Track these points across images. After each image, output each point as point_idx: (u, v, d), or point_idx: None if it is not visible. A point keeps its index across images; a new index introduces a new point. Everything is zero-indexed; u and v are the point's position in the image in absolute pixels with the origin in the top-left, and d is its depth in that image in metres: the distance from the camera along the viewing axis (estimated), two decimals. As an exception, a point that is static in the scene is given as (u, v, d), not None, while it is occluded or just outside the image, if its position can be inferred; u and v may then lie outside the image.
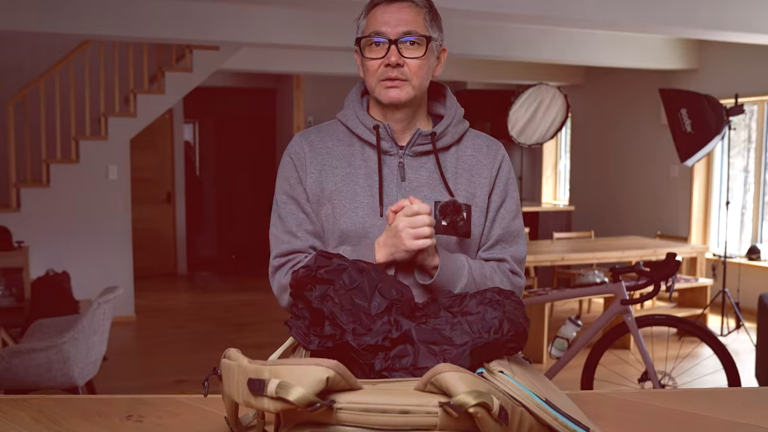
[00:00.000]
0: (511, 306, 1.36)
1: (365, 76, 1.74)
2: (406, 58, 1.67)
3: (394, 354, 1.30)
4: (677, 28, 5.58)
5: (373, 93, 1.73)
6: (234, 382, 1.19)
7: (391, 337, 1.30)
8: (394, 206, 1.60)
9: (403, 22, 1.67)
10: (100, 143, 7.21)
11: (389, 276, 1.48)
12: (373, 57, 1.69)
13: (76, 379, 3.86)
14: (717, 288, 7.32)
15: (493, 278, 1.70)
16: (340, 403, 1.10)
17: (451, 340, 1.29)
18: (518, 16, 5.08)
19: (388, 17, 1.67)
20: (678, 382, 4.53)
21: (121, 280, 7.08)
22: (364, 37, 1.70)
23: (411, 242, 1.57)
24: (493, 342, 1.29)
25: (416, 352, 1.29)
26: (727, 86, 7.66)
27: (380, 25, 1.67)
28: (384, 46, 1.67)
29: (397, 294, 1.42)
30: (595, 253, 6.41)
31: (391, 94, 1.69)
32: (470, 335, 1.29)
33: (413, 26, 1.67)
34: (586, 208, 9.68)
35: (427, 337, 1.30)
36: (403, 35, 1.66)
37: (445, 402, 1.07)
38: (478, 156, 1.78)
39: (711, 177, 8.29)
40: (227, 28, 6.09)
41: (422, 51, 1.68)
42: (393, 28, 1.66)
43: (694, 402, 1.62)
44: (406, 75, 1.68)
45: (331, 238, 1.73)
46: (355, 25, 1.76)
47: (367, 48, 1.70)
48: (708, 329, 4.15)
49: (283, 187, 1.78)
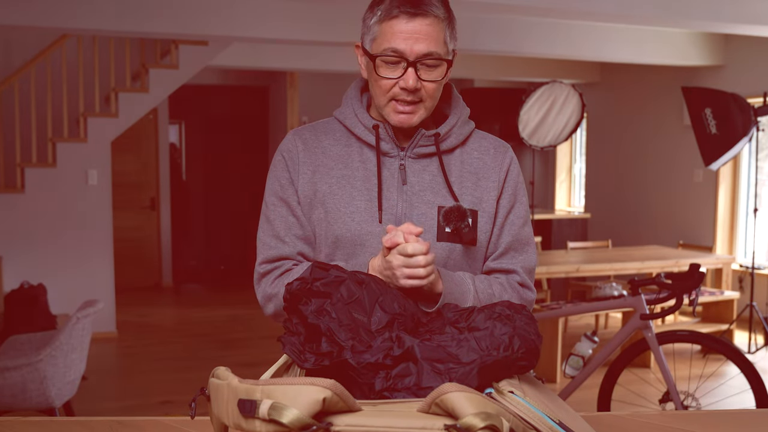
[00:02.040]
0: (522, 321, 1.36)
1: (373, 88, 1.72)
2: (424, 81, 1.66)
3: (396, 373, 1.30)
4: (701, 22, 5.59)
5: (380, 109, 1.72)
6: (223, 403, 1.19)
7: (392, 355, 1.30)
8: (387, 240, 1.56)
9: (423, 40, 1.63)
10: (79, 146, 7.21)
11: (391, 288, 1.48)
12: (387, 76, 1.66)
13: (54, 400, 3.85)
14: (744, 301, 7.31)
15: (502, 298, 1.71)
16: (337, 426, 1.10)
17: (458, 357, 1.29)
18: (530, 8, 5.09)
19: (408, 34, 1.63)
20: (702, 404, 4.53)
21: (102, 293, 7.07)
22: (378, 55, 1.66)
23: (405, 281, 1.55)
24: (502, 360, 1.28)
25: (420, 370, 1.29)
26: (755, 84, 7.66)
27: (399, 42, 1.63)
28: (400, 66, 1.65)
29: (399, 308, 1.42)
30: (612, 264, 6.40)
31: (401, 118, 1.69)
32: (478, 352, 1.29)
33: (434, 46, 1.64)
34: (603, 216, 9.68)
35: (432, 354, 1.30)
36: (423, 57, 1.64)
37: (451, 425, 1.07)
38: (485, 159, 1.78)
39: (738, 182, 8.29)
40: (216, 21, 6.10)
41: (442, 74, 1.68)
42: (412, 46, 1.63)
43: (720, 425, 1.62)
44: (422, 97, 1.68)
45: (324, 244, 1.73)
46: (362, 22, 1.73)
47: (381, 65, 1.67)
48: (734, 346, 4.15)
49: (273, 187, 1.77)
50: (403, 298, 1.47)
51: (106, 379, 5.98)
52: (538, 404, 1.23)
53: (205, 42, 7.45)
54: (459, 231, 1.68)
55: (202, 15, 6.04)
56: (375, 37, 1.68)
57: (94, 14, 5.74)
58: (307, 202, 1.74)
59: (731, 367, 5.79)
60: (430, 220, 1.70)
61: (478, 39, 6.97)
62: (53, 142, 7.16)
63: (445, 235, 1.69)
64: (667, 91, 8.77)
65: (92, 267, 7.28)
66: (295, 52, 8.06)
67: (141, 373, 6.20)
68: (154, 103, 7.68)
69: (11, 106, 7.26)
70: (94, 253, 7.29)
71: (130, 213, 9.84)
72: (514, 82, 10.28)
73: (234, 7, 6.09)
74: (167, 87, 7.65)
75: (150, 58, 7.84)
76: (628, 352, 4.12)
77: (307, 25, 6.36)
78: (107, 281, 7.37)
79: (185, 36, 6.34)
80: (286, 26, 6.31)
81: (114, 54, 7.48)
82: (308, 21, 6.36)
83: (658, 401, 4.20)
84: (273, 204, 1.77)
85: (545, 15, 5.49)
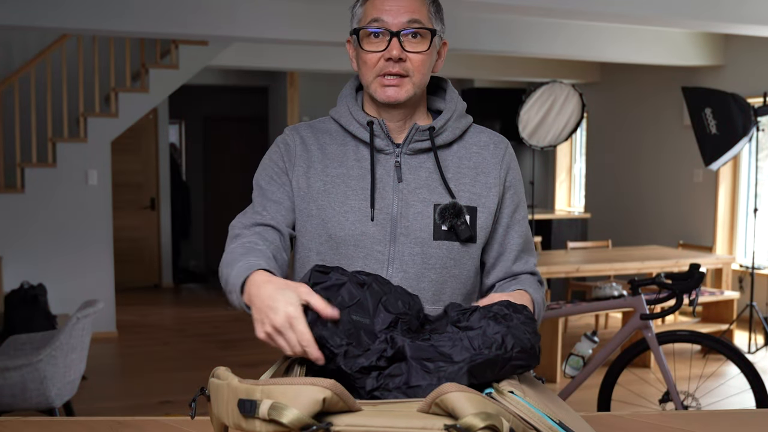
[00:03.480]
0: (519, 321, 1.35)
1: (360, 70, 1.71)
2: (409, 53, 1.65)
3: (388, 373, 1.30)
4: (701, 21, 5.59)
5: (368, 89, 1.71)
6: (223, 403, 1.19)
7: (385, 356, 1.30)
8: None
9: (406, 11, 1.63)
10: (79, 146, 7.21)
11: (396, 287, 1.47)
12: (372, 50, 1.66)
13: (54, 400, 3.85)
14: (744, 302, 7.31)
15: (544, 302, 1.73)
16: (337, 426, 1.10)
17: (451, 357, 1.28)
18: (530, 8, 5.09)
19: (390, 5, 1.64)
20: (702, 404, 4.52)
21: (102, 293, 7.07)
22: (362, 27, 1.66)
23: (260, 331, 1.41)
24: (493, 359, 1.28)
25: (409, 370, 1.29)
26: (755, 84, 7.66)
27: (381, 13, 1.64)
28: (384, 39, 1.64)
29: (404, 307, 1.41)
30: (612, 264, 6.40)
31: (389, 93, 1.67)
32: (470, 352, 1.29)
33: (417, 15, 1.64)
34: (603, 216, 9.68)
35: (422, 354, 1.29)
36: (406, 26, 1.63)
37: (451, 425, 1.07)
38: (484, 154, 1.77)
39: (738, 182, 8.29)
40: (216, 21, 6.10)
41: (426, 45, 1.66)
42: (395, 17, 1.63)
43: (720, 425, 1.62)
44: (408, 70, 1.66)
45: (316, 242, 1.71)
46: (350, 14, 1.73)
47: (365, 39, 1.67)
48: (734, 346, 4.15)
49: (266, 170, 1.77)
50: (409, 296, 1.47)
51: (106, 379, 5.98)
52: (538, 404, 1.23)
53: (205, 42, 7.45)
54: (455, 228, 1.67)
55: (202, 15, 6.03)
56: (360, 18, 1.69)
57: (94, 14, 5.74)
58: (301, 195, 1.72)
59: (731, 367, 5.79)
60: (426, 219, 1.68)
61: (478, 39, 6.97)
62: (53, 142, 7.16)
63: (442, 233, 1.68)
64: (666, 91, 8.77)
65: (92, 267, 7.27)
66: (295, 52, 8.07)
67: (141, 373, 6.20)
68: (154, 103, 7.68)
69: (11, 106, 7.25)
70: (94, 254, 7.29)
71: (130, 213, 9.84)
72: (514, 82, 10.28)
73: (234, 7, 6.09)
74: (167, 87, 7.65)
75: (150, 58, 7.84)
76: (628, 352, 4.11)
77: (307, 25, 6.36)
78: (107, 281, 7.37)
79: (185, 36, 6.34)
80: (286, 26, 6.31)
81: (114, 54, 7.48)
82: (308, 21, 6.35)
83: (658, 401, 4.19)
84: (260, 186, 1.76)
85: (545, 15, 5.49)
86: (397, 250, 1.68)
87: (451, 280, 1.71)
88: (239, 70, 9.95)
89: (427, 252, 1.68)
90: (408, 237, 1.68)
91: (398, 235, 1.68)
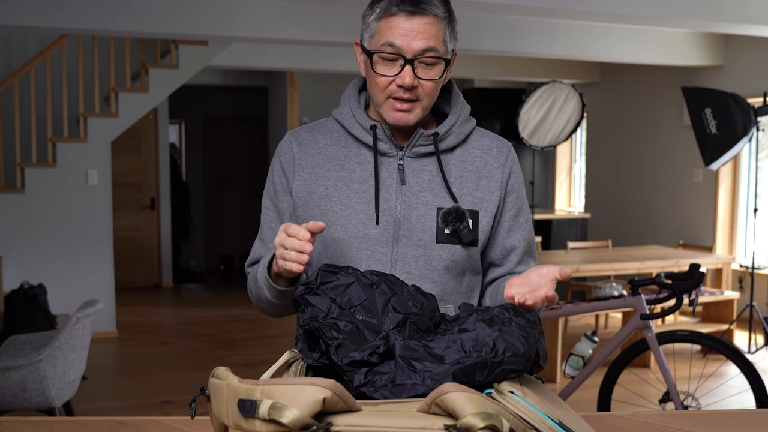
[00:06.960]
0: (517, 325, 1.35)
1: (370, 86, 1.71)
2: (421, 80, 1.64)
3: (377, 370, 1.30)
4: (701, 22, 5.59)
5: (377, 107, 1.71)
6: (223, 403, 1.19)
7: (378, 353, 1.31)
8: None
9: (422, 38, 1.61)
10: (79, 146, 7.21)
11: (409, 287, 1.48)
12: (384, 74, 1.65)
13: (53, 400, 3.85)
14: (744, 302, 7.31)
15: None
16: (338, 426, 1.10)
17: (443, 358, 1.28)
18: (531, 8, 5.09)
19: (406, 31, 1.61)
20: (702, 404, 4.53)
21: (102, 293, 7.08)
22: (374, 51, 1.64)
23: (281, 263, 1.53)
24: (482, 362, 1.27)
25: (396, 368, 1.29)
26: (754, 84, 7.67)
27: (396, 38, 1.61)
28: (397, 63, 1.63)
29: (415, 307, 1.42)
30: (612, 264, 6.40)
31: (398, 116, 1.67)
32: (460, 354, 1.29)
33: (432, 43, 1.62)
34: (603, 216, 9.68)
35: (411, 353, 1.29)
36: (420, 53, 1.62)
37: (451, 425, 1.07)
38: (487, 158, 1.77)
39: (738, 182, 8.29)
40: (216, 21, 6.10)
41: (439, 72, 1.66)
42: (410, 43, 1.61)
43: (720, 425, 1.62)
44: (419, 96, 1.66)
45: (321, 245, 1.71)
46: (361, 20, 1.71)
47: (378, 62, 1.65)
48: (734, 346, 4.15)
49: (268, 191, 1.81)
50: (423, 296, 1.47)
51: (105, 379, 5.98)
52: (538, 404, 1.23)
53: (205, 42, 7.45)
54: (458, 232, 1.68)
55: (202, 15, 6.04)
56: (373, 34, 1.66)
57: (94, 14, 5.74)
58: (303, 204, 1.73)
59: (731, 367, 5.79)
60: (429, 222, 1.69)
61: (478, 39, 6.97)
62: (53, 142, 7.16)
63: (445, 236, 1.68)
64: (666, 91, 8.77)
65: (92, 267, 7.27)
66: (295, 52, 8.06)
67: (141, 373, 6.20)
68: (154, 103, 7.68)
69: (11, 106, 7.25)
70: (94, 254, 7.29)
71: (130, 213, 9.84)
72: (514, 82, 10.28)
73: (234, 7, 6.09)
74: (167, 87, 7.64)
75: (150, 58, 7.84)
76: (628, 352, 4.12)
77: (307, 25, 6.36)
78: (107, 281, 7.36)
79: (185, 36, 6.34)
80: (286, 26, 6.31)
81: (114, 54, 7.48)
82: (308, 21, 6.36)
83: (658, 401, 4.20)
84: (266, 208, 1.82)
85: (546, 15, 5.49)
86: (400, 252, 1.68)
87: (452, 282, 1.71)
88: (239, 70, 9.95)
89: (430, 254, 1.68)
90: (410, 239, 1.68)
91: (401, 237, 1.68)
